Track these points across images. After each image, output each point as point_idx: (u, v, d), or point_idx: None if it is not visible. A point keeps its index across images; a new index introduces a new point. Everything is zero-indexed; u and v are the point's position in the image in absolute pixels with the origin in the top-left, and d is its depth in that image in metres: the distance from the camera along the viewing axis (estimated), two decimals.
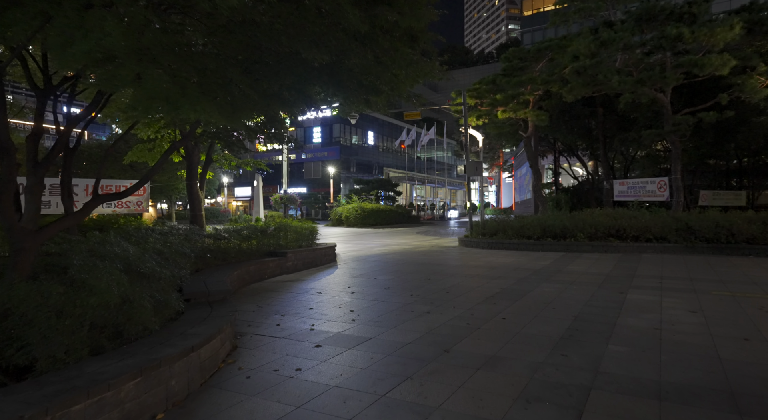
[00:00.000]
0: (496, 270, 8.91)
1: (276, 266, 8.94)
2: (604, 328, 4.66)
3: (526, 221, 12.71)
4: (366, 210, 29.19)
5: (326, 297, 6.56)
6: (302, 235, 10.75)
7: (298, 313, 5.61)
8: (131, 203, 9.61)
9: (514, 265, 9.49)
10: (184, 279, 5.65)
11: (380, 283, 7.67)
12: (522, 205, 21.68)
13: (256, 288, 7.44)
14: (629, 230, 11.35)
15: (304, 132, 52.37)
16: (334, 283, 7.72)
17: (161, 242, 6.30)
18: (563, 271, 8.57)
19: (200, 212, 10.22)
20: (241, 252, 8.62)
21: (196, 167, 10.19)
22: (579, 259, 10.18)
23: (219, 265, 7.77)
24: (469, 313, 5.43)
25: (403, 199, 44.87)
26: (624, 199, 15.50)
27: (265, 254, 9.28)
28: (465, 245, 13.92)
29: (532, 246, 12.02)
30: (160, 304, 3.92)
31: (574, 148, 20.49)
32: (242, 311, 5.67)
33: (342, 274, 8.74)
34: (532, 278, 7.85)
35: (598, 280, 7.54)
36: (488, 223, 13.83)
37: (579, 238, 11.63)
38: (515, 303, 5.92)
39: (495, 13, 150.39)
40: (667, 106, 13.36)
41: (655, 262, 9.56)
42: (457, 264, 9.94)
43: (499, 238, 12.86)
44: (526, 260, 10.27)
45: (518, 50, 15.41)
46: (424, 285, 7.39)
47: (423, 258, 11.17)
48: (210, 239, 8.42)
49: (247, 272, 7.92)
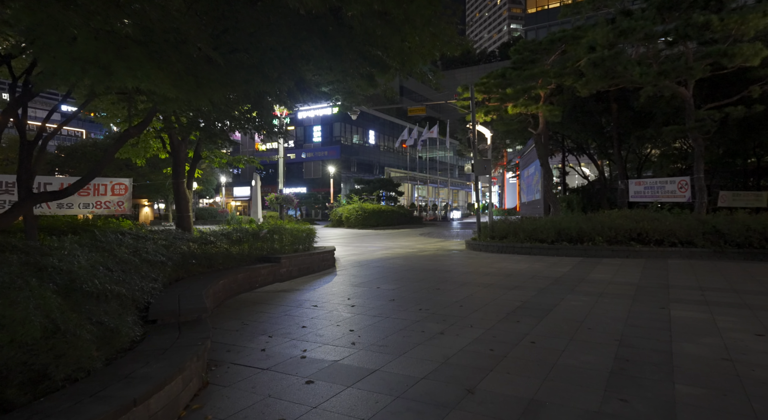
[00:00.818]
0: (512, 278, 8.07)
1: (268, 273, 8.11)
2: (660, 357, 3.82)
3: (538, 223, 11.87)
4: (367, 211, 28.36)
5: (323, 311, 5.72)
6: (298, 238, 9.92)
7: (289, 333, 4.77)
8: (111, 203, 8.78)
9: (531, 273, 8.65)
10: (155, 293, 4.83)
11: (384, 293, 6.83)
12: (529, 206, 20.84)
13: (245, 299, 6.60)
14: (652, 234, 10.51)
15: (303, 131, 51.56)
16: (332, 294, 6.88)
17: (133, 249, 5.47)
18: (587, 280, 7.72)
19: (187, 213, 9.40)
20: (229, 257, 7.79)
21: (182, 164, 9.36)
22: (600, 266, 9.33)
23: (203, 273, 6.94)
24: (490, 334, 4.59)
25: (404, 200, 44.04)
26: (640, 200, 14.66)
27: (256, 260, 8.45)
28: (473, 249, 13.08)
29: (547, 250, 11.18)
30: (108, 333, 3.09)
31: (584, 147, 19.64)
32: (223, 331, 4.83)
33: (341, 283, 7.90)
34: (554, 289, 7.01)
35: (630, 292, 6.70)
36: (497, 225, 12.99)
37: (597, 242, 10.79)
38: (542, 321, 5.08)
39: (497, 12, 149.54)
40: (690, 100, 12.52)
41: (686, 270, 8.71)
42: (467, 271, 9.10)
43: (509, 242, 12.02)
44: (542, 267, 9.43)
45: (529, 42, 14.56)
46: (433, 296, 6.55)
47: (429, 263, 10.34)
48: (195, 244, 7.59)
49: (235, 281, 7.09)
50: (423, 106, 14.42)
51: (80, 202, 8.48)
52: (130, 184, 9.05)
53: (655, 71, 11.42)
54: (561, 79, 13.05)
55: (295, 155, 51.01)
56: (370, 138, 54.43)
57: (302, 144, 51.54)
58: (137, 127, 5.62)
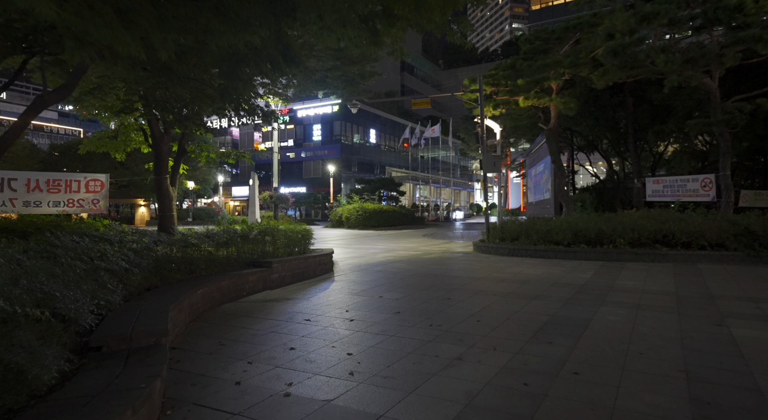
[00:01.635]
0: (530, 285, 7.20)
1: (258, 280, 7.25)
2: (751, 399, 2.95)
3: (553, 224, 11.00)
4: (368, 211, 27.51)
5: (316, 327, 4.86)
6: (293, 240, 9.06)
7: (273, 357, 3.91)
8: (85, 201, 7.92)
9: (550, 279, 7.78)
10: (112, 308, 3.97)
11: (387, 304, 5.97)
12: (537, 205, 19.98)
13: (228, 311, 5.74)
14: (679, 236, 9.64)
15: (303, 129, 50.75)
16: (329, 305, 6.02)
17: (95, 254, 4.62)
18: (616, 289, 6.85)
19: (170, 213, 8.55)
20: (213, 262, 6.93)
21: (165, 159, 8.51)
22: (626, 271, 8.46)
23: (182, 281, 6.08)
24: (519, 361, 3.72)
25: (405, 200, 43.20)
26: (658, 199, 13.79)
27: (245, 264, 7.59)
28: (481, 251, 12.21)
29: (563, 253, 10.31)
30: (9, 376, 2.22)
31: (595, 144, 18.76)
32: (194, 355, 3.97)
33: (339, 291, 7.04)
34: (582, 299, 6.14)
35: (670, 303, 5.83)
36: (507, 226, 12.12)
37: (619, 244, 9.92)
38: (579, 342, 4.21)
39: (499, 11, 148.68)
40: (715, 92, 11.65)
41: (724, 277, 7.84)
42: (479, 276, 8.23)
43: (521, 244, 11.15)
44: (561, 272, 8.56)
45: (541, 30, 13.69)
46: (445, 308, 5.69)
47: (436, 268, 9.47)
48: (173, 247, 6.73)
49: (218, 289, 6.23)
50: (427, 99, 13.58)
51: (50, 200, 7.63)
52: (107, 180, 8.20)
53: (681, 59, 10.55)
54: (576, 70, 12.18)
55: (295, 154, 50.19)
56: (371, 137, 53.59)
57: (302, 143, 50.71)
58: (55, 92, 4.72)
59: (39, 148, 34.27)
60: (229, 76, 4.41)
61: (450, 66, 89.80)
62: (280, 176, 50.36)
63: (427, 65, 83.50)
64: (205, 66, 4.07)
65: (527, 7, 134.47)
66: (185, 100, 5.39)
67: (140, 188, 36.84)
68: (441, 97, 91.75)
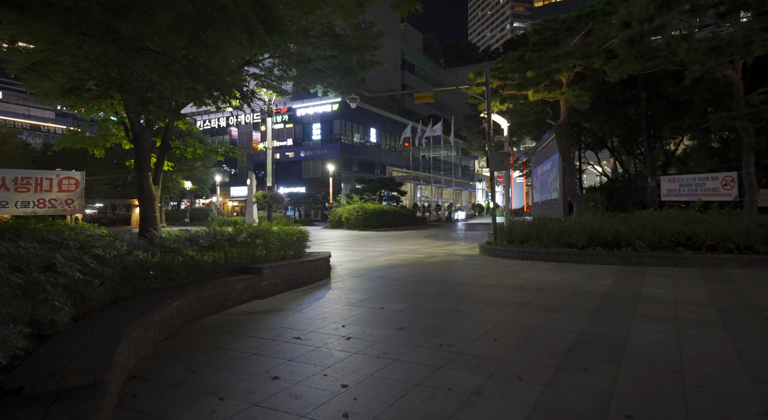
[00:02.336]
0: (548, 294, 6.49)
1: (246, 288, 6.55)
2: None
3: (565, 225, 10.29)
4: (368, 211, 26.82)
5: (306, 348, 4.16)
6: (287, 243, 8.37)
7: (252, 390, 3.21)
8: (57, 201, 7.21)
9: (568, 286, 7.07)
10: (57, 328, 3.27)
11: (389, 317, 5.26)
12: (544, 205, 19.28)
13: (207, 326, 5.04)
14: (704, 238, 8.92)
15: (303, 128, 50.08)
16: (323, 318, 5.31)
17: (38, 263, 3.91)
18: (645, 298, 6.14)
19: (153, 214, 7.85)
20: (196, 268, 6.23)
21: (147, 155, 7.81)
22: (650, 277, 7.75)
23: (158, 290, 5.39)
24: (553, 396, 3.02)
25: (406, 200, 42.50)
26: (674, 198, 13.07)
27: (232, 270, 6.90)
28: (489, 254, 11.50)
29: (577, 257, 9.60)
30: None
31: (604, 141, 18.03)
32: (157, 386, 3.27)
33: (336, 300, 6.33)
34: (610, 311, 5.42)
35: (712, 317, 5.11)
36: (516, 228, 11.42)
37: (638, 247, 9.20)
38: (620, 368, 3.51)
39: (500, 10, 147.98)
40: (738, 84, 10.94)
41: (760, 284, 7.12)
42: (490, 283, 7.52)
43: (532, 247, 10.44)
44: (578, 278, 7.85)
45: (551, 20, 12.96)
46: (455, 322, 4.98)
47: (441, 273, 8.76)
48: (149, 252, 6.03)
49: (198, 300, 5.52)
50: (431, 93, 12.87)
51: (18, 200, 6.93)
52: (82, 178, 7.51)
53: (704, 48, 9.82)
54: (589, 61, 11.46)
55: (294, 154, 49.51)
56: (371, 136, 52.90)
57: (301, 142, 50.04)
58: None
59: (33, 148, 33.60)
60: (192, 42, 3.73)
61: (451, 65, 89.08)
62: (280, 176, 49.71)
63: (428, 64, 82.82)
64: (159, 28, 3.39)
65: (528, 6, 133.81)
66: (150, 80, 4.70)
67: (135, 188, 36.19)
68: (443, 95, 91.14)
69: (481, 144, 40.94)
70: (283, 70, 9.58)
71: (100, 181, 33.20)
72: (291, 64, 9.17)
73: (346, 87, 9.34)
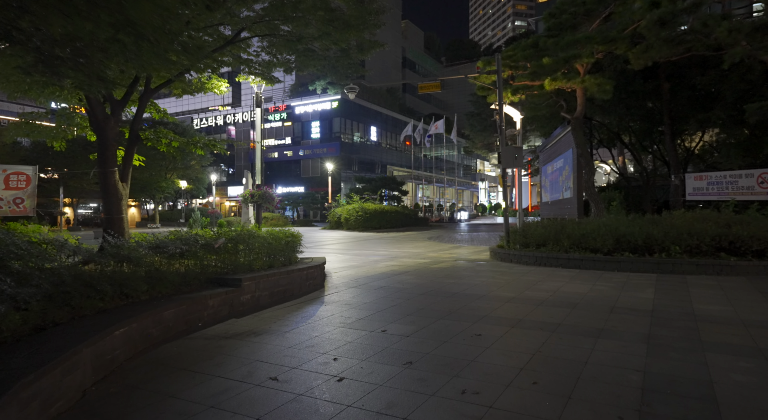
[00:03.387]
0: (582, 311, 5.42)
1: (221, 304, 5.49)
2: None
3: (587, 228, 9.22)
4: (368, 211, 25.76)
5: (284, 397, 3.10)
6: (275, 248, 7.31)
7: None
8: (3, 201, 6.14)
9: (603, 300, 6.00)
10: None
11: (394, 346, 4.20)
12: (554, 205, 18.20)
13: (163, 359, 3.98)
14: (749, 242, 7.85)
15: (301, 126, 49.03)
16: (311, 347, 4.25)
17: None
18: (702, 318, 5.07)
19: (119, 215, 6.79)
20: (160, 281, 5.18)
21: (112, 148, 6.76)
22: (694, 289, 6.68)
23: (105, 311, 4.34)
24: None
25: (407, 200, 41.44)
26: (701, 198, 12.01)
27: (207, 282, 5.84)
28: (501, 259, 10.44)
29: (603, 263, 8.53)
30: None
31: (620, 137, 16.93)
32: None
33: (328, 320, 5.26)
34: (668, 337, 4.36)
35: None
36: (531, 230, 10.35)
37: (673, 252, 8.14)
38: None
39: (501, 9, 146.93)
40: None
41: None
42: (509, 296, 6.45)
43: (550, 251, 9.38)
44: (610, 289, 6.78)
45: (569, 2, 11.85)
46: (477, 353, 3.92)
47: (451, 282, 7.69)
48: (101, 264, 4.98)
49: (156, 323, 4.47)
50: (437, 82, 11.82)
51: None
52: (35, 174, 6.44)
53: (749, 27, 8.75)
54: (612, 47, 10.40)
55: (293, 153, 48.46)
56: (372, 135, 51.85)
57: (300, 141, 48.98)
58: None
59: (22, 146, 32.57)
60: None
61: (452, 63, 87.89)
62: (278, 175, 48.67)
63: (429, 62, 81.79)
64: None
65: (530, 4, 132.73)
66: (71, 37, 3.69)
67: (130, 188, 35.09)
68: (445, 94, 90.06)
69: (485, 142, 39.88)
70: (272, 55, 8.53)
71: (92, 180, 32.15)
72: (280, 46, 8.11)
73: (344, 71, 8.28)
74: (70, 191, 32.96)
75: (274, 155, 49.58)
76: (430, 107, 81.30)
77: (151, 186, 34.10)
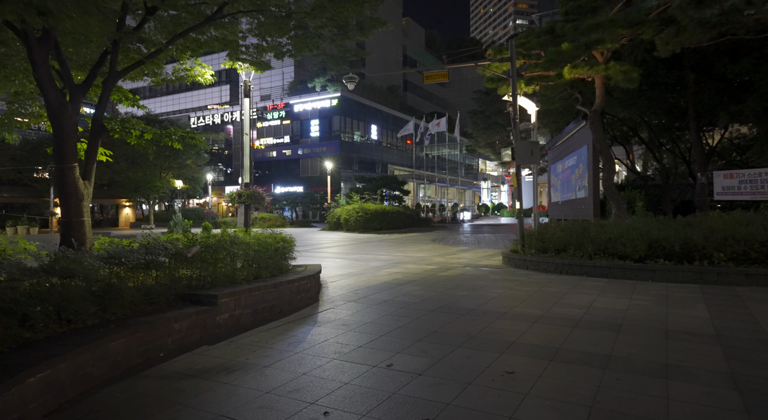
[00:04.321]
0: (629, 336, 4.44)
1: (192, 327, 4.52)
2: None
3: (614, 231, 8.24)
4: (369, 212, 24.77)
5: None
6: (262, 256, 6.34)
7: None
8: None
9: (650, 320, 5.02)
10: None
11: (404, 391, 3.22)
12: (566, 206, 17.23)
13: (97, 410, 2.99)
14: None
15: (300, 125, 48.05)
16: (295, 391, 3.27)
17: None
18: None
19: (78, 218, 5.81)
20: (114, 300, 4.22)
21: (70, 140, 5.78)
22: (753, 305, 5.69)
23: (34, 343, 3.38)
24: None
25: (408, 200, 40.45)
26: (732, 197, 11.03)
27: (175, 300, 4.88)
28: (515, 266, 9.46)
29: (635, 272, 7.55)
30: None
31: (635, 133, 15.92)
32: None
33: (320, 349, 4.28)
34: (758, 378, 3.37)
35: None
36: (548, 233, 9.37)
37: (717, 260, 7.15)
38: None
39: (502, 8, 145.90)
40: None
41: None
42: (535, 313, 5.47)
43: (571, 258, 8.41)
44: (652, 304, 5.79)
45: None
46: (513, 403, 2.94)
47: (464, 295, 6.71)
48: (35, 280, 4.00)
49: (99, 358, 3.49)
50: (444, 72, 10.84)
51: None
52: None
53: None
54: (637, 31, 9.42)
55: (291, 152, 47.48)
56: (372, 133, 50.86)
57: (299, 139, 47.99)
58: None
59: (11, 144, 31.58)
60: None
61: (453, 61, 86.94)
62: (277, 175, 47.68)
63: (430, 60, 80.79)
64: None
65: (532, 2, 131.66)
66: None
67: (123, 187, 34.15)
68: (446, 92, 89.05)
69: (488, 141, 38.89)
70: (261, 37, 7.55)
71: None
72: (269, 27, 7.13)
73: (341, 53, 7.30)
74: None
75: (273, 154, 48.59)
76: (432, 106, 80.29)
77: (145, 185, 33.12)
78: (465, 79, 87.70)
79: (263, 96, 55.13)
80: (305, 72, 54.10)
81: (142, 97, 67.13)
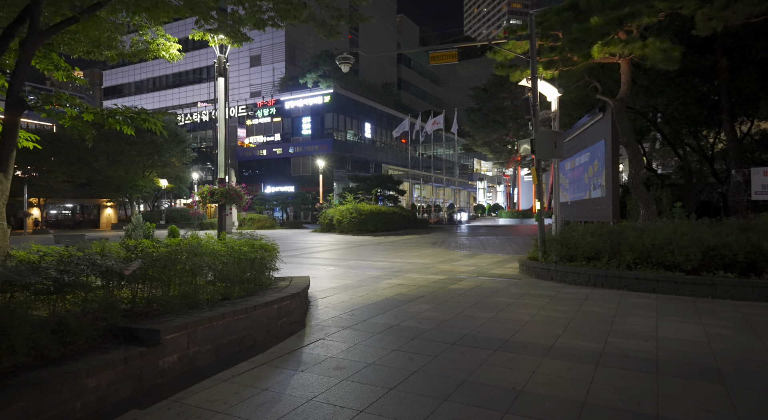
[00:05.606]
0: (740, 390, 3.13)
1: (116, 381, 3.13)
2: None
3: (659, 236, 6.94)
4: (363, 212, 23.42)
5: None
6: (233, 270, 4.97)
7: None
8: None
9: (752, 362, 3.72)
10: None
11: None
12: (577, 206, 16.00)
13: None
14: None
15: (291, 122, 46.57)
16: None
17: None
18: None
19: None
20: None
21: None
22: None
23: None
24: None
25: (403, 200, 39.12)
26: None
27: (104, 335, 3.52)
28: (536, 276, 8.15)
29: (689, 286, 6.26)
30: None
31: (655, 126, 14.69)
32: None
33: (303, 416, 2.90)
34: None
35: None
36: (574, 238, 8.05)
37: None
38: None
39: (496, 7, 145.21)
40: None
41: None
42: (590, 347, 4.13)
43: (604, 267, 7.12)
44: (739, 335, 4.49)
45: None
46: None
47: (488, 318, 5.36)
48: None
49: None
50: (453, 51, 9.52)
51: None
52: None
53: None
54: (676, 5, 8.18)
55: (282, 150, 45.96)
56: (366, 132, 49.49)
57: (290, 137, 46.50)
58: None
59: None
60: None
61: None
62: (267, 174, 46.11)
63: (425, 57, 79.65)
64: None
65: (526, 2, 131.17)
66: None
67: (104, 187, 32.46)
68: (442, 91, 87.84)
69: (486, 139, 37.66)
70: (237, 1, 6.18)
71: (59, 178, 29.48)
72: None
73: (333, 19, 5.95)
74: (36, 191, 30.24)
75: (263, 153, 47.04)
76: (426, 104, 79.18)
77: (127, 184, 31.46)
78: (459, 77, 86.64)
79: (253, 92, 53.57)
80: (297, 67, 52.58)
81: (127, 93, 65.16)
